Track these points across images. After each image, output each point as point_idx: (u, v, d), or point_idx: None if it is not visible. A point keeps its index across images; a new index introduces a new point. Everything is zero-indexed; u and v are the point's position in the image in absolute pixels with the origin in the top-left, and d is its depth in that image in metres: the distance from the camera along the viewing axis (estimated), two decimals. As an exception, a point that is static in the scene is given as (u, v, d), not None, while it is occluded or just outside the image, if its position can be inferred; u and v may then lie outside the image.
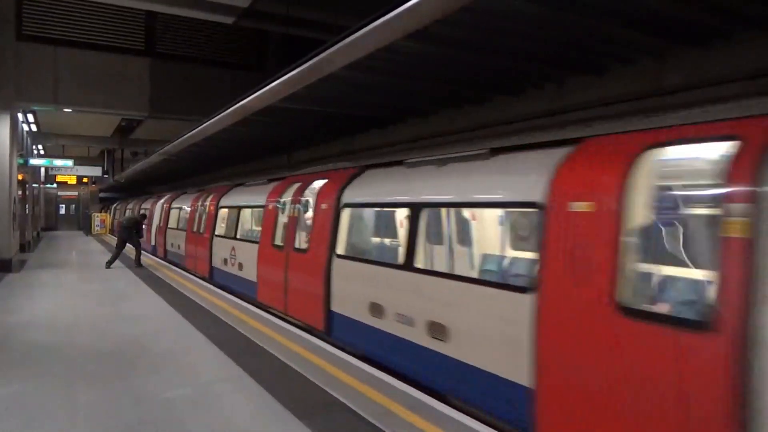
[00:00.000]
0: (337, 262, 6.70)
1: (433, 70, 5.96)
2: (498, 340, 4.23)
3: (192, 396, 4.64)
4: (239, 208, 11.14)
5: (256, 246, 9.31)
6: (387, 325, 5.59)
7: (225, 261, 11.06)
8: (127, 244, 14.51)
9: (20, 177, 16.55)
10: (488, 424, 4.00)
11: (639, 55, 5.14)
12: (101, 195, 40.02)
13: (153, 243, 18.84)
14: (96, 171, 30.84)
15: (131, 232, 14.45)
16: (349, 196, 6.83)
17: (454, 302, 4.76)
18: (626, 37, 4.65)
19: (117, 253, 14.21)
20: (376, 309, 5.78)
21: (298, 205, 8.11)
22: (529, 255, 4.68)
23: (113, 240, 15.46)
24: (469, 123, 7.28)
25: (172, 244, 16.25)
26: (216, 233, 12.00)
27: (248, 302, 9.05)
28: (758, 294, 2.75)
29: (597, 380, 3.39)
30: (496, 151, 4.98)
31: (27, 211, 19.56)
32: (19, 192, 16.22)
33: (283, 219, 8.57)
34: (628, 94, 5.27)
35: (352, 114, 8.36)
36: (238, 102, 8.52)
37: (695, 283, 3.44)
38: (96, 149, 32.37)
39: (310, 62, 6.12)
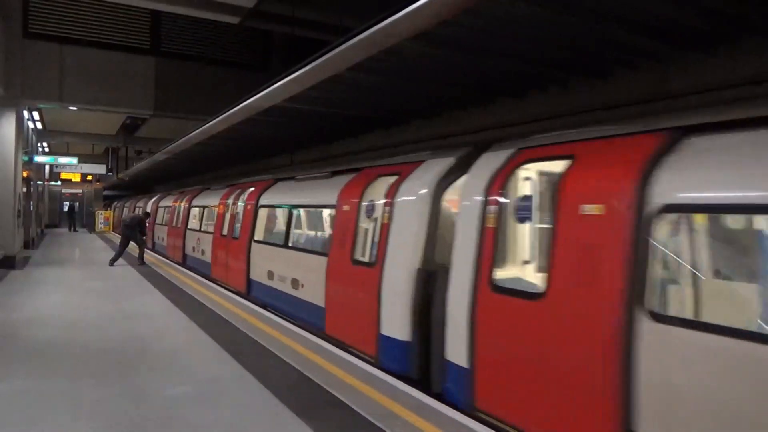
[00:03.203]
0: (254, 245, 9.88)
1: (437, 72, 5.97)
2: (315, 284, 7.11)
3: (194, 393, 4.67)
4: (203, 207, 14.36)
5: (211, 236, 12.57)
6: (275, 284, 8.68)
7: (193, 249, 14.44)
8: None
9: (25, 174, 16.62)
10: (487, 424, 4.01)
11: (643, 59, 5.14)
12: (105, 193, 40.14)
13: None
14: (100, 169, 30.97)
15: (135, 230, 14.53)
16: (263, 199, 10.05)
17: (302, 265, 7.85)
18: (631, 41, 4.66)
19: (120, 250, 14.26)
20: (271, 274, 8.87)
21: (235, 205, 11.38)
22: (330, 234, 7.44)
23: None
24: (474, 125, 7.30)
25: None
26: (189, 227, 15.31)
27: (249, 300, 9.11)
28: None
29: (340, 297, 6.54)
30: (334, 173, 8.03)
31: (31, 208, 19.64)
32: (24, 189, 16.28)
33: (227, 215, 11.72)
34: (632, 98, 5.28)
35: (355, 115, 8.38)
36: (243, 101, 8.55)
37: (375, 242, 6.24)
38: (100, 147, 32.49)
39: (315, 63, 6.14)
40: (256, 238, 9.90)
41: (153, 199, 21.96)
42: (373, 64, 5.58)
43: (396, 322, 5.41)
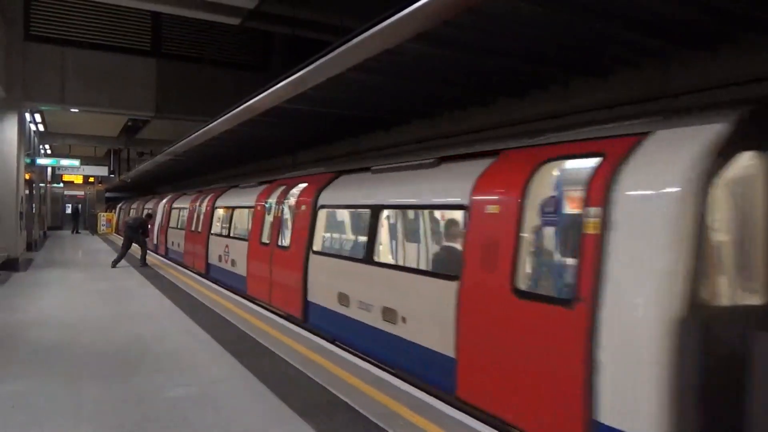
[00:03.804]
0: (313, 258, 7.54)
1: (439, 72, 5.97)
2: (433, 320, 4.97)
3: (196, 395, 4.67)
4: (232, 208, 12.00)
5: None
6: (352, 312, 6.43)
7: None
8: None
9: (27, 176, 16.65)
10: (490, 425, 4.00)
11: (644, 58, 5.14)
12: (107, 195, 40.20)
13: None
14: (102, 171, 31.02)
15: (137, 231, 14.55)
16: (324, 198, 7.64)
17: (403, 290, 5.60)
18: (631, 40, 4.66)
19: (123, 252, 14.28)
20: (344, 298, 6.61)
21: (279, 205, 9.06)
22: (457, 248, 5.27)
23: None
24: (474, 125, 7.30)
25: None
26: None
27: (251, 301, 9.09)
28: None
29: (490, 347, 4.25)
30: (441, 160, 5.69)
31: (33, 210, 19.67)
32: (26, 191, 16.32)
33: (268, 218, 9.45)
34: (633, 97, 5.27)
35: (357, 115, 8.39)
36: (244, 102, 8.56)
37: (566, 264, 4.09)
38: (102, 149, 32.54)
39: (317, 63, 6.15)
40: (315, 248, 7.56)
41: (165, 199, 20.20)
42: (374, 64, 5.59)
43: (637, 407, 3.16)
